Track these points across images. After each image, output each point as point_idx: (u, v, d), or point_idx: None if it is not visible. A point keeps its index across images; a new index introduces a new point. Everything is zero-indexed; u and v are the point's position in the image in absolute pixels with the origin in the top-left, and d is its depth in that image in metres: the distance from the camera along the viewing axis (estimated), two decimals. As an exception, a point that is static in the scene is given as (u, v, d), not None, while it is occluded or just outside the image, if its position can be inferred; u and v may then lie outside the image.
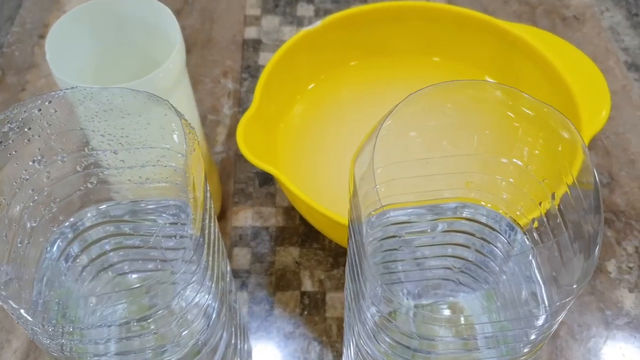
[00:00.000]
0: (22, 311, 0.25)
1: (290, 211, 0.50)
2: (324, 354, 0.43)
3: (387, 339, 0.29)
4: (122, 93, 0.27)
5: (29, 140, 0.28)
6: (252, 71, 0.60)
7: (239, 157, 0.53)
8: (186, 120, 0.26)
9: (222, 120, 0.56)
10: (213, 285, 0.29)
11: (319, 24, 0.49)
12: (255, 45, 0.62)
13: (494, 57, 0.50)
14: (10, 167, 0.28)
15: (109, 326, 0.29)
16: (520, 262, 0.29)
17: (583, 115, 0.43)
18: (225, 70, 0.60)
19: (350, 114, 0.52)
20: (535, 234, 0.28)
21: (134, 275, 0.36)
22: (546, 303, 0.25)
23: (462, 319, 0.36)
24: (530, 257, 0.27)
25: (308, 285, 0.46)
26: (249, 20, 0.64)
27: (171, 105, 0.27)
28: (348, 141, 0.50)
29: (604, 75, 0.53)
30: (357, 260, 0.28)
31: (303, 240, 0.48)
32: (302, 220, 0.49)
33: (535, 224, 0.28)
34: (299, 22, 0.64)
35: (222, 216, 0.50)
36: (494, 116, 0.25)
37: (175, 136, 0.29)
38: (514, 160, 0.26)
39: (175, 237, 0.33)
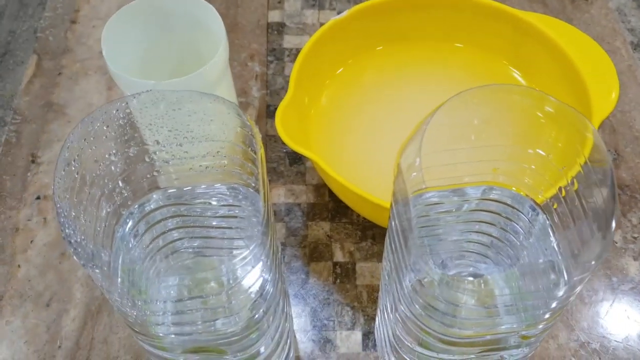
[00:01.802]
0: (115, 294, 0.29)
1: (319, 188, 0.54)
2: (356, 317, 0.47)
3: (421, 301, 0.33)
4: (191, 96, 0.31)
5: (106, 137, 0.32)
6: (277, 54, 0.63)
7: (270, 137, 0.57)
8: (252, 121, 0.30)
9: (252, 102, 0.59)
10: (271, 261, 0.33)
11: (345, 14, 0.52)
12: (279, 28, 0.65)
13: (510, 44, 0.53)
14: (90, 161, 0.32)
15: (165, 302, 0.33)
16: (541, 240, 0.33)
17: (593, 97, 0.47)
18: (252, 53, 0.63)
19: (376, 96, 0.55)
20: (555, 216, 0.32)
21: (190, 250, 0.40)
22: (566, 277, 0.29)
23: (481, 285, 0.40)
24: (552, 237, 0.31)
25: (339, 256, 0.50)
26: (272, 4, 0.67)
27: (235, 105, 0.31)
28: (376, 121, 0.54)
29: (611, 56, 0.56)
30: (400, 235, 0.32)
31: (333, 215, 0.52)
32: (331, 196, 0.53)
33: (555, 205, 0.32)
34: (321, 5, 0.67)
35: (257, 193, 0.53)
36: (523, 113, 0.29)
37: (235, 131, 0.32)
38: (538, 150, 0.30)
39: (235, 217, 0.36)
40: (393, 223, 0.32)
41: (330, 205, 0.53)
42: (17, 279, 0.49)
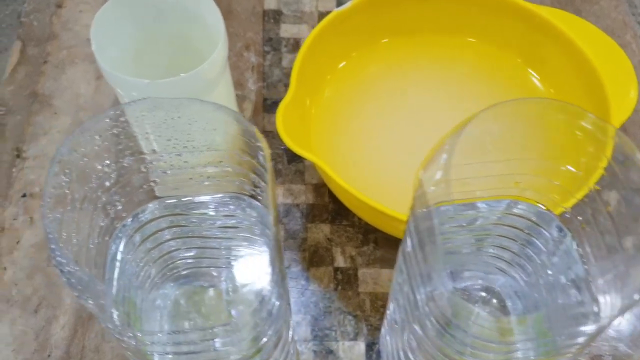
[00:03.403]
0: (108, 323, 0.27)
1: (319, 188, 0.51)
2: (359, 327, 0.45)
3: (434, 314, 0.31)
4: (191, 103, 0.28)
5: (98, 147, 0.29)
6: (274, 44, 0.60)
7: (267, 133, 0.54)
8: (261, 134, 0.28)
9: (248, 95, 0.56)
10: (278, 280, 0.31)
11: (349, 4, 0.49)
12: (276, 16, 0.62)
13: (523, 40, 0.51)
14: (82, 175, 0.29)
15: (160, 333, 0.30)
16: (566, 262, 0.31)
17: (611, 97, 0.44)
18: (248, 43, 0.60)
19: (380, 92, 0.52)
20: (586, 242, 0.30)
21: (187, 262, 0.37)
22: (597, 309, 0.27)
23: (492, 299, 0.38)
24: (579, 262, 0.29)
25: (340, 261, 0.48)
26: (268, -10, 0.64)
27: (241, 116, 0.28)
28: (380, 119, 0.51)
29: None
30: (418, 247, 0.29)
31: (333, 217, 0.50)
32: (331, 197, 0.51)
33: (583, 225, 0.30)
34: (319, -8, 0.64)
35: (254, 193, 0.51)
36: (557, 128, 0.27)
37: (240, 140, 0.30)
38: (568, 167, 0.28)
39: (236, 228, 0.34)
40: (411, 235, 0.30)
41: (330, 207, 0.50)
42: (3, 282, 0.47)
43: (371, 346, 0.44)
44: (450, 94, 0.51)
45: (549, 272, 0.33)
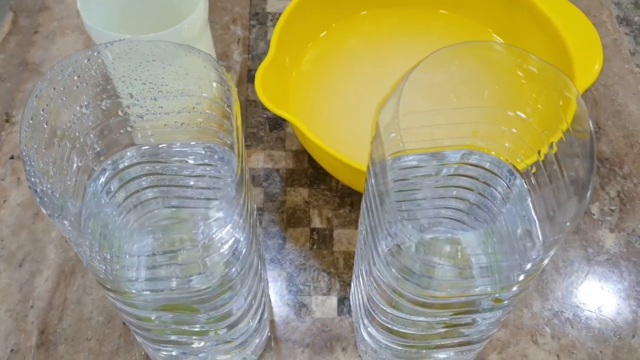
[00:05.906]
0: (84, 247, 0.28)
1: (299, 154, 0.53)
2: (332, 283, 0.47)
3: (397, 265, 0.33)
4: (166, 46, 0.30)
5: (77, 87, 0.31)
6: (260, 18, 0.62)
7: (250, 102, 0.56)
8: (228, 73, 0.29)
9: (233, 66, 0.58)
10: (244, 221, 0.33)
11: (330, -25, 0.51)
12: (263, -8, 0.64)
13: (496, 12, 0.53)
14: (61, 112, 0.31)
15: (138, 257, 0.32)
16: (517, 204, 0.33)
17: (577, 68, 0.46)
18: (234, 17, 0.62)
19: (359, 61, 0.55)
20: (532, 179, 0.31)
21: (165, 210, 0.39)
22: (541, 239, 0.29)
23: (458, 249, 0.40)
24: (529, 201, 0.31)
25: (317, 222, 0.50)
26: (255, -33, 0.65)
27: (212, 57, 0.30)
28: (357, 86, 0.53)
29: (596, 29, 0.55)
30: (376, 198, 0.31)
31: (311, 182, 0.52)
32: (310, 162, 0.52)
33: (534, 170, 0.32)
34: (305, -30, 0.65)
35: (235, 158, 0.53)
36: (503, 73, 0.28)
37: (212, 85, 0.31)
38: (518, 112, 0.30)
39: (211, 177, 0.36)
40: (369, 186, 0.32)
41: (309, 172, 0.52)
42: (-12, 238, 0.49)
43: (343, 300, 0.46)
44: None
45: (504, 219, 0.35)
